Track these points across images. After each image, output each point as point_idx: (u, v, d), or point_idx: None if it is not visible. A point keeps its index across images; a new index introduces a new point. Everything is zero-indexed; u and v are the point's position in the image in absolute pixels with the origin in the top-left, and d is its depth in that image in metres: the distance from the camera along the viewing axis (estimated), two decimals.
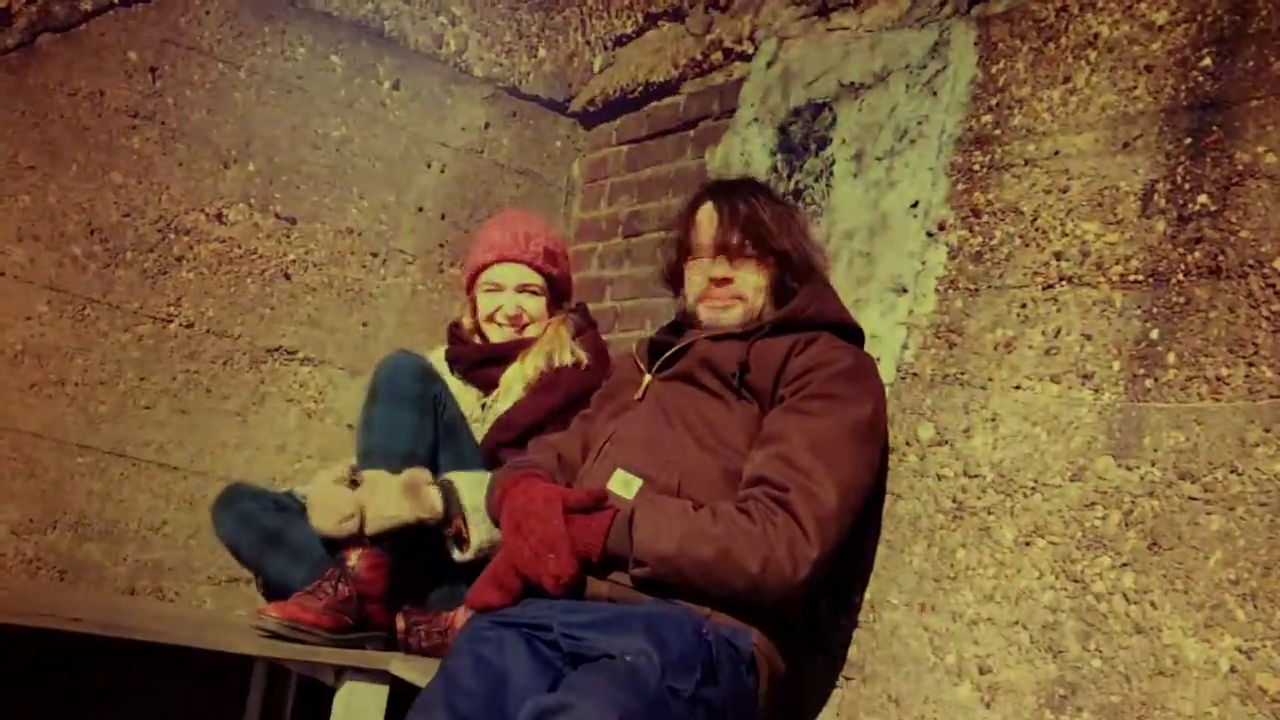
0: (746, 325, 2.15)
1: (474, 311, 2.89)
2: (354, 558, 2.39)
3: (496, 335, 2.82)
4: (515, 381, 2.72)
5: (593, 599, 1.91)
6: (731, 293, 2.17)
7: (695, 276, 2.22)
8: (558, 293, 2.86)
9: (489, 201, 3.41)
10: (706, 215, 2.21)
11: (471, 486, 2.43)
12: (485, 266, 2.82)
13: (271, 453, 3.06)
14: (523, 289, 2.81)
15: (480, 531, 2.40)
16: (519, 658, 1.80)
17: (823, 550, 1.85)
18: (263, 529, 2.58)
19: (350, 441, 3.02)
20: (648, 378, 2.20)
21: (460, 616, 2.41)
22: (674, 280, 2.30)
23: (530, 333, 2.81)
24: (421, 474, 2.44)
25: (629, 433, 2.10)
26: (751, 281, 2.17)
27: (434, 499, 2.41)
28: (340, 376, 3.15)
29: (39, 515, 2.79)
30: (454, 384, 2.78)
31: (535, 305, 2.82)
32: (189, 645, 2.28)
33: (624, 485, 2.00)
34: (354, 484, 2.46)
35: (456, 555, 2.45)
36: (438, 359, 2.87)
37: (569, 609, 1.86)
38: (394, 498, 2.37)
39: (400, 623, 2.43)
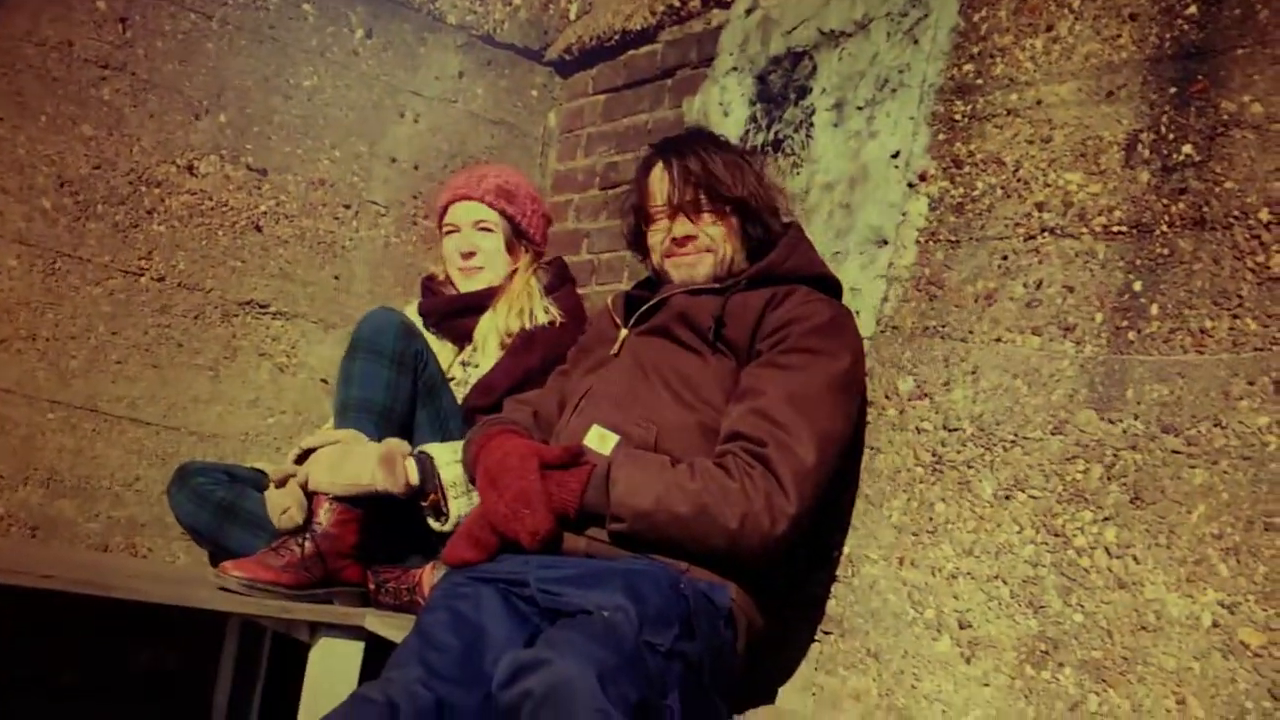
0: (720, 276, 2.14)
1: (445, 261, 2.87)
2: (322, 513, 2.37)
3: (464, 284, 2.80)
4: (489, 334, 2.71)
5: (569, 554, 1.90)
6: (698, 247, 2.16)
7: (657, 237, 2.22)
8: (517, 232, 2.82)
9: (463, 152, 3.38)
10: (658, 177, 2.20)
11: (450, 460, 2.41)
12: (444, 209, 2.82)
13: (244, 408, 3.03)
14: (476, 225, 2.79)
15: (459, 505, 2.38)
16: (495, 613, 1.80)
17: (801, 505, 1.85)
18: (217, 504, 2.57)
19: (323, 397, 3.09)
20: (624, 333, 2.19)
21: (428, 573, 2.40)
22: (638, 244, 2.30)
23: (488, 276, 2.79)
24: (400, 445, 2.41)
25: (605, 388, 2.09)
26: (715, 233, 2.16)
27: (410, 472, 2.39)
28: (313, 330, 3.12)
29: (10, 472, 2.75)
30: (429, 340, 2.75)
31: (489, 242, 2.80)
32: (163, 602, 2.27)
33: (600, 441, 2.00)
34: (284, 482, 2.44)
35: (435, 525, 2.43)
36: (412, 315, 2.84)
37: (545, 564, 1.85)
38: (368, 465, 2.35)
39: (370, 581, 2.42)
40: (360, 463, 2.36)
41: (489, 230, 2.79)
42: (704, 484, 1.85)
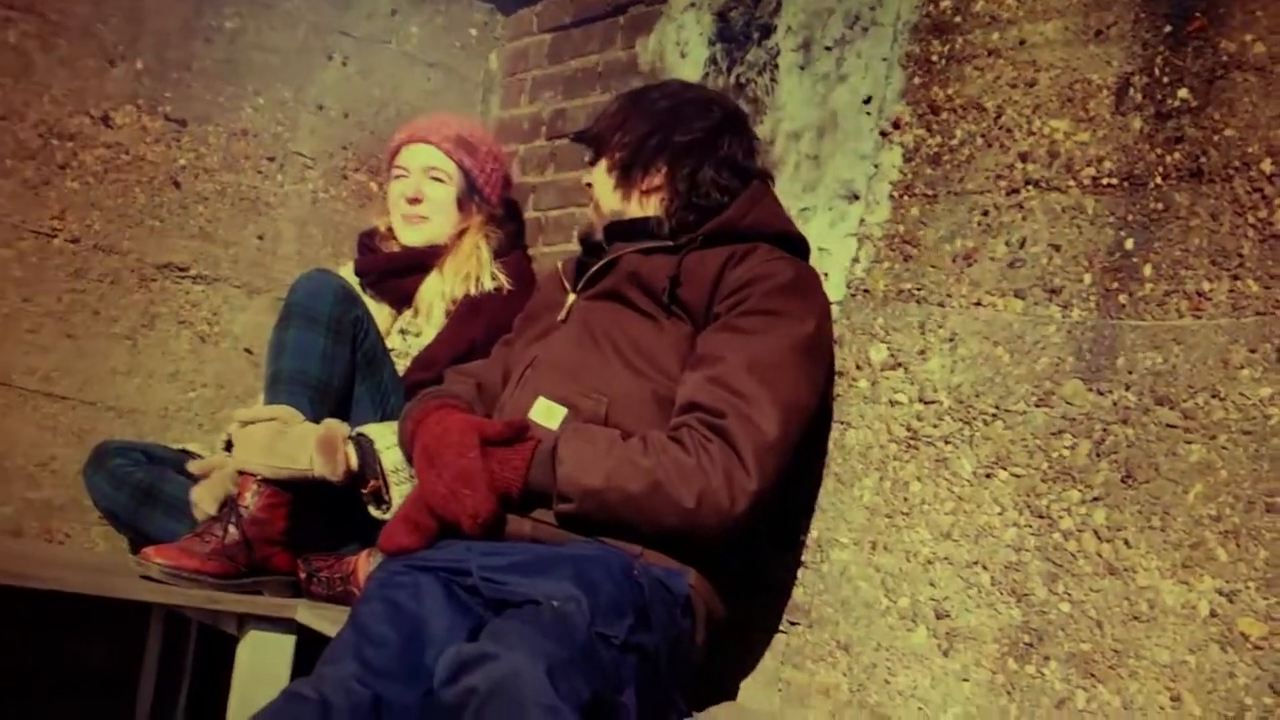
0: (601, 224, 2.20)
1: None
2: (248, 496, 2.36)
3: (402, 232, 2.80)
4: (435, 301, 2.71)
5: (514, 539, 1.91)
6: (590, 197, 2.24)
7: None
8: (472, 188, 2.81)
9: (397, 99, 3.35)
10: None
11: (392, 443, 2.40)
12: (396, 151, 2.82)
13: (163, 380, 3.01)
14: (428, 172, 2.79)
15: (402, 492, 2.38)
16: (436, 604, 1.80)
17: (763, 482, 1.86)
18: (135, 486, 2.56)
19: (248, 369, 3.07)
20: (571, 297, 2.19)
21: (363, 561, 2.40)
22: None
23: (431, 230, 2.78)
24: (340, 428, 2.40)
25: (552, 357, 2.10)
26: (594, 177, 2.22)
27: (350, 459, 2.39)
28: (236, 296, 3.10)
29: None
30: (366, 304, 2.73)
31: (439, 192, 2.79)
32: (80, 592, 2.27)
33: (547, 414, 2.01)
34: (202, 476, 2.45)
35: (375, 513, 2.43)
36: (346, 276, 2.82)
37: (489, 551, 1.85)
38: (305, 448, 2.35)
39: (301, 570, 2.42)
40: (296, 444, 2.35)
41: (440, 180, 2.79)
42: (657, 459, 1.85)
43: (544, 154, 3.30)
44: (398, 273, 2.78)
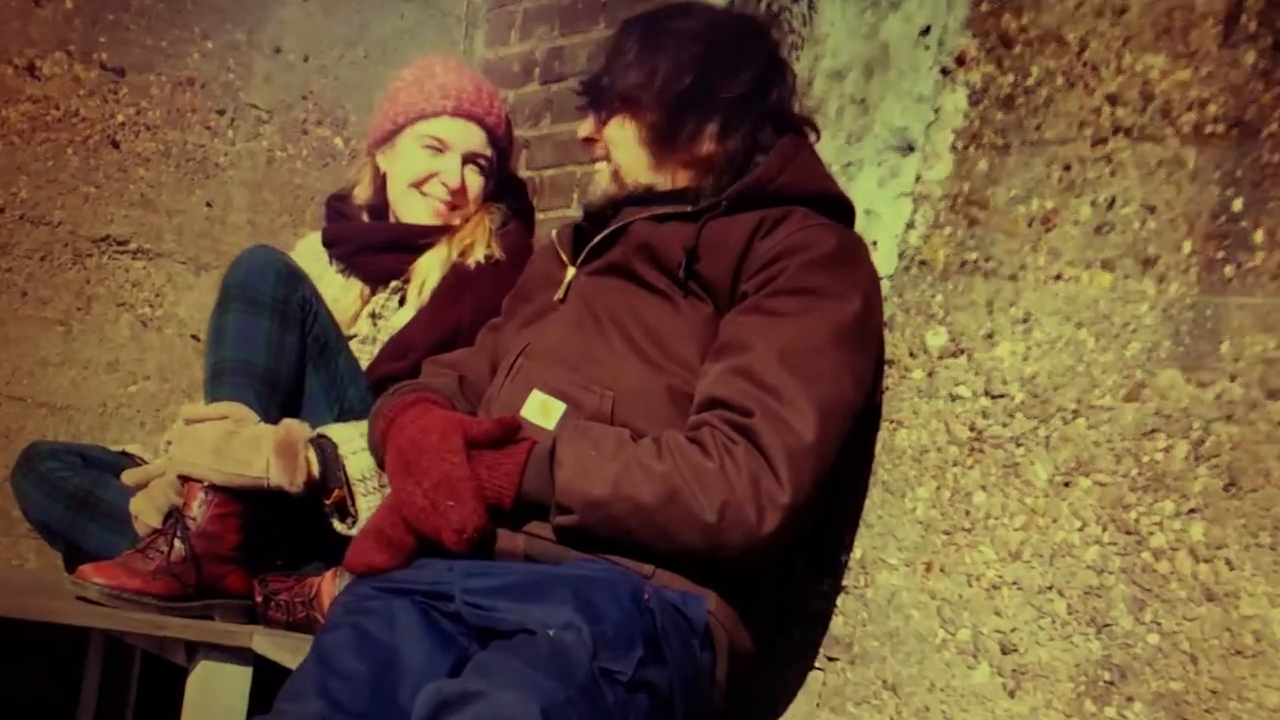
0: (625, 188, 2.19)
1: (375, 177, 2.89)
2: (196, 505, 2.39)
3: (415, 212, 2.83)
4: (433, 271, 2.75)
5: (505, 557, 1.93)
6: (595, 155, 2.24)
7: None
8: (499, 182, 2.88)
9: (365, 38, 3.38)
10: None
11: (359, 447, 2.45)
12: (433, 115, 2.82)
13: (101, 372, 3.07)
14: (472, 159, 2.83)
15: (369, 504, 2.43)
16: (412, 633, 1.82)
17: (797, 493, 1.86)
18: (71, 494, 2.60)
19: (195, 358, 3.13)
20: (570, 271, 2.21)
21: (327, 582, 2.42)
22: None
23: (454, 221, 2.84)
24: (300, 430, 2.45)
25: (548, 343, 2.12)
26: (611, 135, 2.20)
27: (311, 465, 2.44)
28: (181, 273, 3.17)
29: None
30: (331, 280, 2.81)
31: (477, 186, 2.84)
32: (8, 616, 2.31)
33: (542, 411, 2.03)
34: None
35: (339, 528, 2.48)
36: (310, 249, 2.90)
37: (475, 571, 1.87)
38: (261, 452, 2.40)
39: (257, 592, 2.45)
40: (250, 447, 2.39)
41: (482, 169, 2.84)
42: (673, 464, 1.86)
43: (538, 102, 3.31)
44: (381, 247, 2.82)
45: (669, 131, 2.14)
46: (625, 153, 2.19)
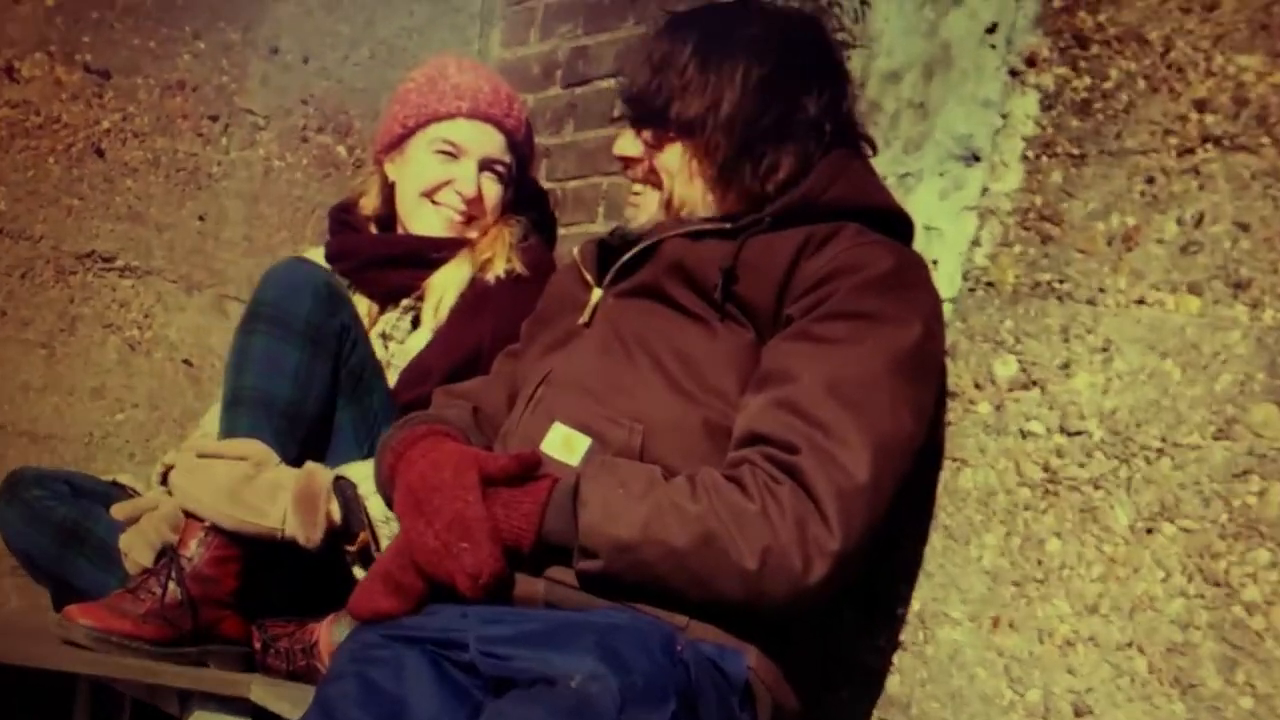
0: (673, 214, 2.18)
1: (383, 186, 2.91)
2: (194, 544, 2.41)
3: (427, 224, 2.84)
4: (450, 289, 2.77)
5: (524, 604, 1.93)
6: (639, 175, 2.22)
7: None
8: (521, 182, 2.89)
9: (370, 36, 3.42)
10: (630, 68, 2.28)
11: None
12: (447, 117, 2.83)
13: (86, 398, 3.10)
14: (489, 166, 2.83)
15: None
16: (422, 684, 1.82)
17: (847, 539, 1.85)
18: (58, 525, 2.62)
19: (186, 385, 3.20)
20: (596, 293, 2.21)
21: (326, 629, 2.44)
22: None
23: (471, 233, 2.85)
24: (322, 478, 2.46)
25: (571, 372, 2.12)
26: (663, 161, 2.18)
27: (332, 515, 2.45)
28: (172, 292, 3.18)
29: None
30: None
31: (495, 195, 2.86)
32: None
33: (565, 445, 2.03)
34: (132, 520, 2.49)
35: (360, 574, 2.47)
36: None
37: (491, 618, 1.86)
38: (279, 502, 2.41)
39: (256, 639, 2.46)
40: (266, 495, 2.41)
41: (500, 177, 2.85)
42: (710, 505, 1.85)
43: (560, 107, 3.33)
44: (391, 261, 2.83)
45: (738, 165, 2.13)
46: (683, 184, 2.17)
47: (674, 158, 2.17)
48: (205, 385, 2.99)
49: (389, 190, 2.90)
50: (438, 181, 2.82)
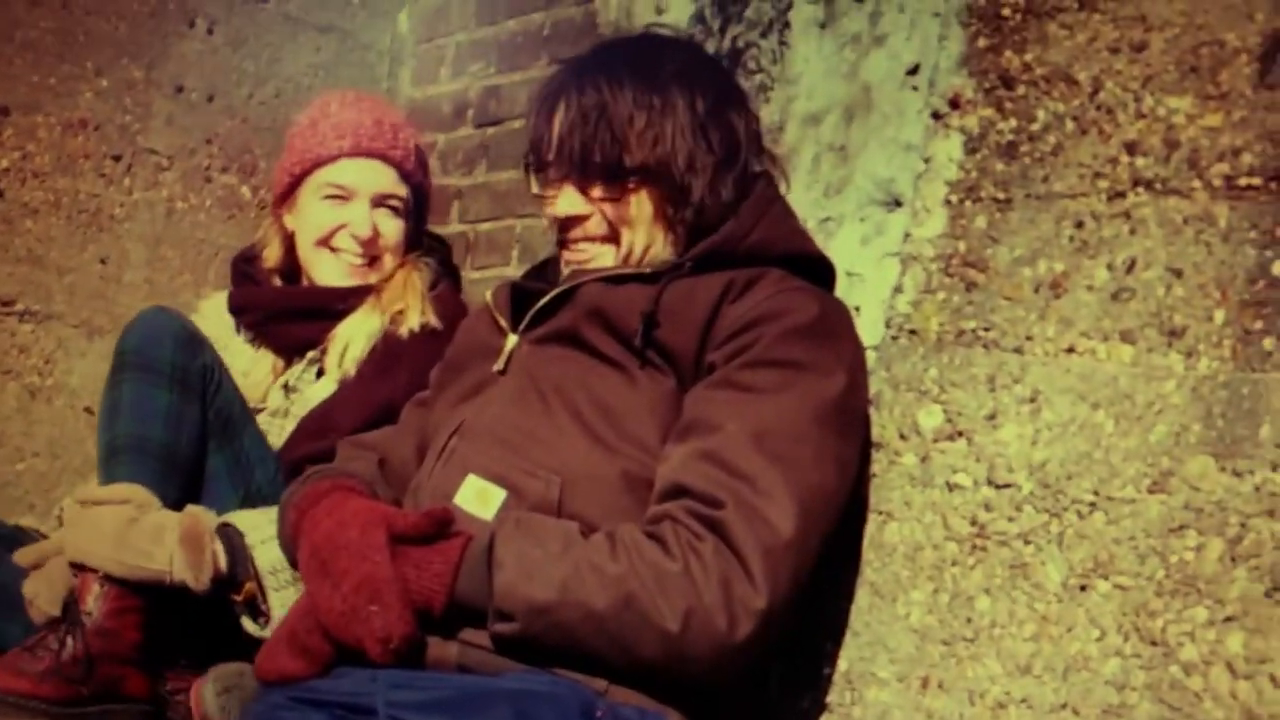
0: (639, 264, 2.17)
1: (284, 237, 2.89)
2: (91, 599, 2.34)
3: (329, 273, 2.82)
4: (358, 339, 2.75)
5: (436, 668, 1.90)
6: (589, 233, 2.19)
7: (548, 209, 2.25)
8: (420, 221, 2.86)
9: (277, 74, 3.46)
10: (557, 116, 2.20)
11: (270, 535, 2.42)
12: (329, 160, 2.81)
13: None
14: (382, 202, 2.80)
15: (282, 600, 2.39)
16: None
17: (774, 596, 1.83)
18: None
19: (88, 433, 3.10)
20: (512, 339, 2.20)
21: (196, 691, 2.34)
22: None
23: (374, 277, 2.82)
24: (206, 519, 2.41)
25: (485, 421, 2.10)
26: (618, 214, 2.17)
27: (218, 558, 2.40)
28: (73, 338, 3.16)
29: None
30: (239, 350, 2.80)
31: (395, 231, 2.83)
32: None
33: (479, 499, 2.01)
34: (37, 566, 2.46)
35: (251, 628, 2.43)
36: (215, 311, 2.89)
37: (401, 682, 1.83)
38: (165, 543, 2.35)
39: (161, 696, 2.42)
40: (152, 538, 2.35)
41: (397, 212, 2.82)
42: (631, 565, 1.83)
43: (472, 147, 3.35)
44: (294, 314, 2.80)
45: (697, 200, 2.13)
46: (646, 233, 2.16)
47: (635, 207, 2.16)
48: (96, 436, 2.89)
49: (289, 240, 2.88)
50: (331, 228, 2.80)
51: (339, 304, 2.77)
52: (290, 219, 2.86)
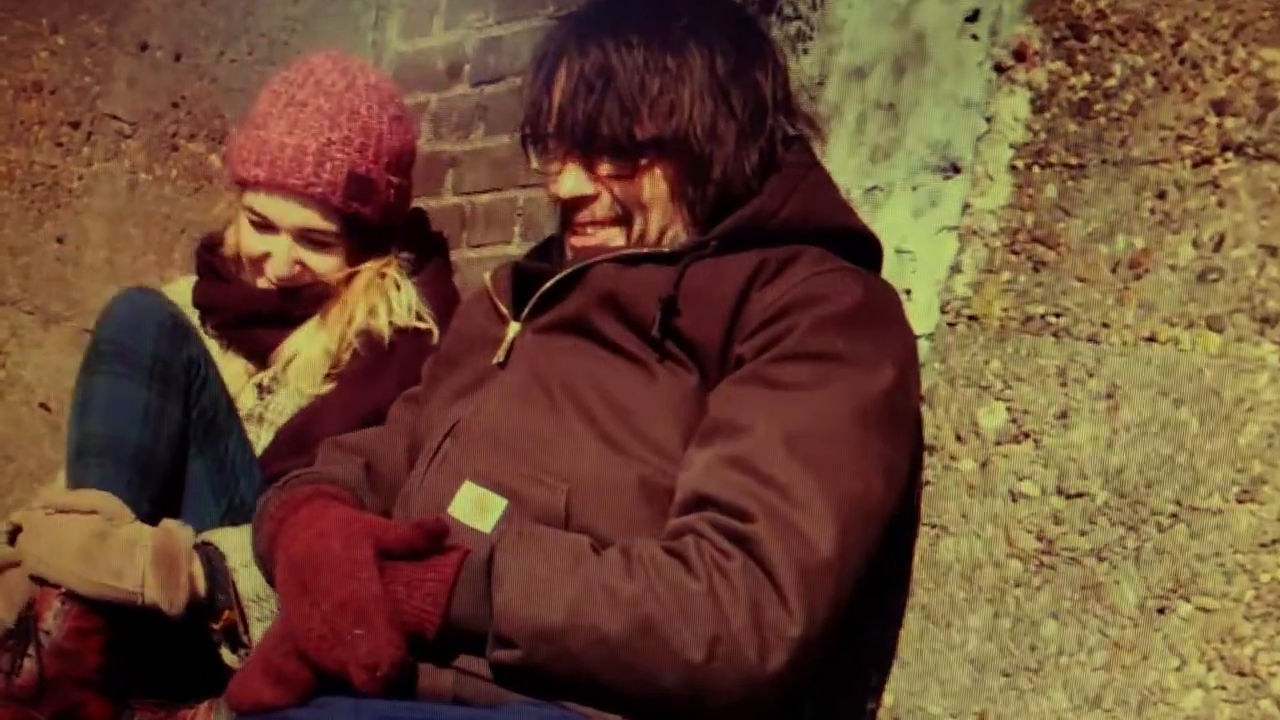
0: (654, 243, 2.17)
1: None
2: (50, 616, 2.37)
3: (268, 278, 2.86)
4: (311, 354, 2.79)
5: (429, 698, 1.91)
6: (597, 215, 2.18)
7: (550, 188, 2.25)
8: (371, 237, 2.87)
9: (251, 28, 3.49)
10: (558, 82, 2.19)
11: (252, 559, 2.44)
12: (248, 184, 2.82)
13: None
14: (305, 237, 2.82)
15: (265, 629, 2.41)
16: None
17: (810, 622, 1.82)
18: None
19: (45, 431, 3.25)
20: (513, 328, 2.21)
21: (205, 714, 2.41)
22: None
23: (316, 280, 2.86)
24: (183, 536, 2.44)
25: (484, 421, 2.10)
26: (632, 193, 2.16)
27: (196, 581, 2.43)
28: (28, 325, 3.21)
29: None
30: (208, 345, 2.82)
31: (325, 264, 2.84)
32: None
33: (477, 508, 2.01)
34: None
35: (229, 659, 2.47)
36: (181, 298, 2.90)
37: (389, 714, 1.84)
38: (136, 562, 2.37)
39: None
40: (123, 554, 2.37)
41: (326, 245, 2.83)
42: (648, 585, 1.82)
43: (468, 108, 3.37)
44: (254, 321, 2.84)
45: (719, 175, 2.14)
46: (663, 214, 2.17)
47: (649, 186, 2.16)
48: (65, 433, 2.93)
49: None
50: (258, 255, 2.82)
51: (290, 311, 2.81)
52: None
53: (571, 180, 2.16)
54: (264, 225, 2.80)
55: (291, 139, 2.79)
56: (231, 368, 2.79)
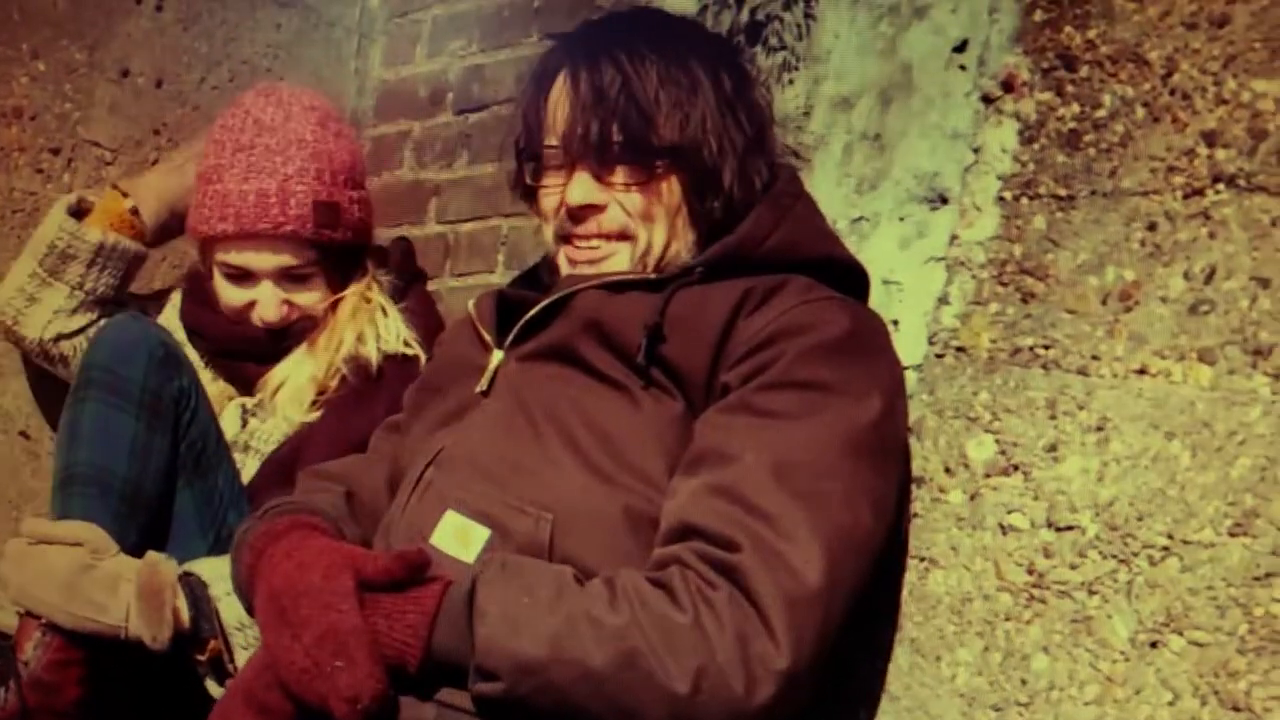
0: (651, 268, 2.17)
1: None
2: (30, 646, 2.38)
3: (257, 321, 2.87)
4: (298, 382, 2.81)
5: None
6: (605, 227, 2.17)
7: (550, 202, 2.23)
8: (346, 258, 2.88)
9: (232, 56, 3.47)
10: (557, 97, 2.20)
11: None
12: (219, 241, 2.83)
13: None
14: (286, 275, 2.83)
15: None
16: None
17: (798, 655, 1.80)
18: None
19: (24, 460, 3.15)
20: (497, 356, 2.21)
21: None
22: (537, 208, 2.34)
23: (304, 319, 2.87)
24: (167, 570, 2.43)
25: (466, 450, 2.11)
26: (637, 204, 2.16)
27: (180, 614, 2.42)
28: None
29: None
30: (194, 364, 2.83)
31: (311, 296, 2.88)
32: None
33: (459, 538, 2.01)
34: None
35: (216, 691, 2.45)
36: (168, 322, 2.91)
37: None
38: (120, 596, 2.38)
39: None
40: (107, 588, 2.39)
41: (307, 276, 2.84)
42: (633, 617, 1.81)
43: (451, 136, 3.37)
44: (243, 354, 2.88)
45: (728, 188, 2.15)
46: (666, 227, 2.17)
47: (661, 197, 2.17)
48: (46, 461, 2.99)
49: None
50: (240, 306, 2.83)
51: (275, 344, 2.82)
52: None
53: (582, 188, 2.16)
54: (241, 276, 2.81)
55: (250, 185, 2.79)
56: (215, 385, 2.80)
